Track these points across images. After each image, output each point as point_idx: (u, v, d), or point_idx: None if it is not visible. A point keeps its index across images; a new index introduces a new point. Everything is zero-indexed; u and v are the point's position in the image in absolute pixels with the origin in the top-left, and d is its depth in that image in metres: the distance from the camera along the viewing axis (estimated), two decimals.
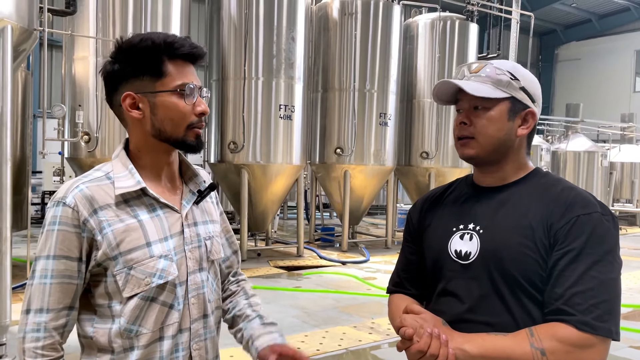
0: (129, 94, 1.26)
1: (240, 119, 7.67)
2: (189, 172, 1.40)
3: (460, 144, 1.37)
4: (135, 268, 1.22)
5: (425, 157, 9.93)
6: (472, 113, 1.34)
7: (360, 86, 8.88)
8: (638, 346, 4.66)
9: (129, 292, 1.23)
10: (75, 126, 6.50)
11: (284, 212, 13.84)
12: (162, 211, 1.29)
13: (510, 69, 1.34)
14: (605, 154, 15.07)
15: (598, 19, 23.22)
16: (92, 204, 1.22)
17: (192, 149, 1.29)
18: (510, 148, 1.35)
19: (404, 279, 1.54)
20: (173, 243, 1.28)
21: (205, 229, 1.38)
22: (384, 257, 8.61)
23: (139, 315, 1.24)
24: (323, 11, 9.19)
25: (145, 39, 1.25)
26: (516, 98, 1.33)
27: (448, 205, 1.46)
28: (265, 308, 1.55)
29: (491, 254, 1.30)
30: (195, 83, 1.27)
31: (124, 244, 1.22)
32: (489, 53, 12.07)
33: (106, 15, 6.49)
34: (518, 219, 1.29)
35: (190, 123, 1.27)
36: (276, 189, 8.11)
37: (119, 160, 1.30)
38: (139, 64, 1.24)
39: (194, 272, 1.32)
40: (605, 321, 1.18)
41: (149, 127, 1.27)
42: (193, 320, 1.31)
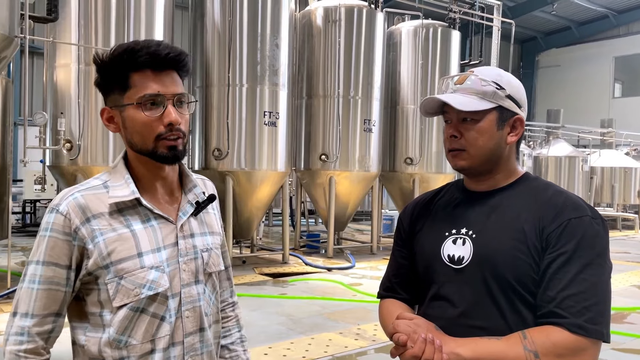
0: (105, 108, 1.28)
1: (224, 125, 7.65)
2: (188, 182, 1.37)
3: (452, 155, 1.38)
4: (125, 278, 1.21)
5: (409, 163, 9.99)
6: (460, 125, 1.35)
7: (345, 93, 8.91)
8: (621, 348, 4.72)
9: (118, 302, 1.22)
10: (57, 134, 6.43)
11: (269, 219, 13.80)
12: (156, 222, 1.27)
13: (494, 78, 1.34)
14: (586, 158, 15.31)
15: (577, 26, 23.64)
16: (85, 212, 1.21)
17: (165, 160, 1.25)
18: (501, 156, 1.36)
19: (395, 283, 1.54)
20: (166, 254, 1.26)
21: (203, 241, 1.35)
22: (370, 263, 8.62)
23: (128, 326, 1.22)
24: (307, 18, 9.23)
25: (112, 50, 1.23)
26: (503, 107, 1.33)
27: (440, 210, 1.47)
28: (251, 316, 1.55)
29: (484, 258, 1.31)
30: (161, 92, 1.22)
31: (115, 253, 1.21)
32: (471, 60, 12.21)
33: (88, 22, 6.44)
34: (510, 223, 1.31)
35: (159, 134, 1.22)
36: (261, 196, 8.09)
37: (117, 169, 1.30)
38: (108, 78, 1.25)
39: (188, 284, 1.29)
40: (597, 323, 1.19)
41: (125, 140, 1.28)
42: (187, 334, 1.28)
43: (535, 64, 25.22)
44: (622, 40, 22.86)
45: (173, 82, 1.25)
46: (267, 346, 4.49)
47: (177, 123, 1.23)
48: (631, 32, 22.70)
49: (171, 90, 1.24)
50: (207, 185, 1.43)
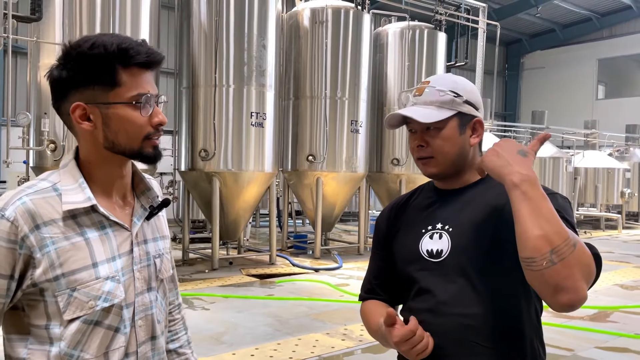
0: (79, 105, 1.16)
1: (211, 126, 7.62)
2: (142, 185, 1.31)
3: (422, 163, 1.46)
4: (78, 290, 1.13)
5: (396, 163, 10.03)
6: (425, 134, 1.42)
7: (332, 94, 8.93)
8: (604, 347, 4.78)
9: (70, 314, 1.13)
10: (41, 134, 6.36)
11: (256, 220, 13.77)
12: (111, 229, 1.20)
13: (451, 86, 1.42)
14: (570, 159, 15.48)
15: (561, 29, 23.91)
16: (35, 218, 1.11)
17: (150, 160, 1.21)
18: (466, 157, 1.45)
19: (375, 285, 1.59)
20: (121, 263, 1.20)
21: (155, 247, 1.30)
22: (357, 264, 8.64)
23: (81, 340, 1.15)
24: (294, 19, 9.23)
25: (96, 44, 1.14)
26: (462, 112, 1.41)
27: (415, 210, 1.53)
28: (237, 317, 1.55)
29: (463, 248, 1.38)
30: (152, 92, 1.19)
31: (68, 263, 1.13)
32: (457, 61, 12.30)
33: (73, 21, 6.38)
34: (483, 214, 1.38)
35: (147, 134, 1.19)
36: (248, 197, 8.07)
37: (68, 171, 1.20)
38: (89, 72, 1.15)
39: (142, 292, 1.24)
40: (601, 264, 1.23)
41: (101, 139, 1.18)
42: (140, 344, 1.23)
43: (520, 65, 25.47)
44: (606, 42, 23.16)
45: (153, 82, 1.23)
46: (254, 347, 4.48)
47: (165, 123, 1.22)
48: (614, 35, 23.01)
49: (156, 91, 1.22)
50: (153, 185, 1.34)
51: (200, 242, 9.88)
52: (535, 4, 20.71)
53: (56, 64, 1.18)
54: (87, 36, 1.17)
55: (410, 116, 1.39)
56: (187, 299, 6.01)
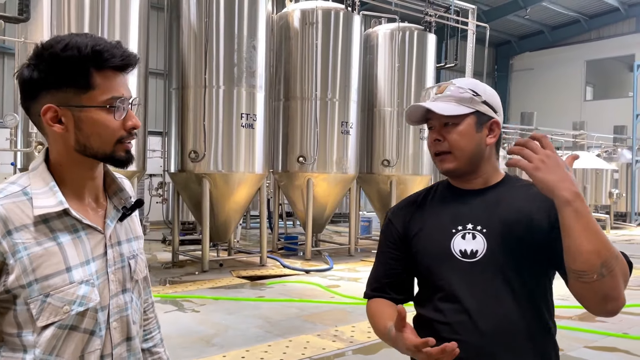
0: (51, 107, 1.13)
1: (201, 127, 7.59)
2: (114, 185, 1.29)
3: (439, 159, 1.49)
4: (52, 295, 1.11)
5: (386, 165, 10.05)
6: (443, 129, 1.47)
7: (322, 95, 8.93)
8: (592, 346, 4.82)
9: (44, 321, 1.11)
10: (29, 136, 6.30)
11: (246, 222, 13.74)
12: (84, 232, 1.18)
13: (471, 86, 1.48)
14: None
15: (550, 31, 24.11)
16: (7, 224, 1.09)
17: (122, 164, 1.19)
18: (482, 156, 1.49)
19: (385, 284, 1.57)
20: (95, 266, 1.18)
21: (129, 248, 1.29)
22: (348, 265, 8.64)
23: (56, 345, 1.13)
24: (284, 20, 9.23)
25: (70, 46, 1.11)
26: (480, 111, 1.46)
27: (436, 210, 1.55)
28: (228, 319, 1.54)
29: (500, 249, 1.42)
30: (125, 95, 1.17)
31: (41, 269, 1.10)
32: (447, 63, 12.35)
33: (61, 22, 6.33)
34: (515, 215, 1.42)
35: (120, 138, 1.17)
36: (238, 198, 8.04)
37: (39, 174, 1.17)
38: (62, 74, 1.12)
39: (116, 294, 1.23)
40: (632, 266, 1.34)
41: (72, 142, 1.16)
42: (115, 345, 1.22)
43: (510, 67, 25.65)
44: (594, 44, 23.39)
45: (127, 84, 1.21)
46: (244, 349, 4.46)
47: (138, 127, 1.20)
48: (602, 37, 23.25)
49: (130, 94, 1.20)
50: (125, 185, 1.32)
51: (190, 243, 9.83)
52: (524, 5, 20.87)
53: (27, 64, 1.15)
54: (60, 36, 1.15)
55: (429, 107, 1.45)
56: (177, 301, 5.98)
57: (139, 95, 6.83)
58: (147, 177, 10.86)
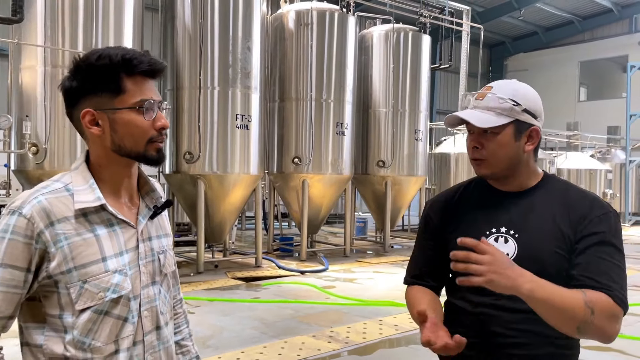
0: (88, 111, 1.27)
1: (195, 128, 7.58)
2: (146, 186, 1.43)
3: (476, 164, 1.54)
4: (89, 282, 1.24)
5: (381, 165, 10.07)
6: (482, 136, 1.50)
7: (317, 96, 8.93)
8: (586, 346, 4.81)
9: (81, 305, 1.24)
10: (23, 137, 6.27)
11: (242, 223, 13.72)
12: (119, 227, 1.31)
13: (511, 94, 1.49)
14: (553, 161, 15.67)
15: (544, 32, 24.22)
16: (50, 216, 1.22)
17: (154, 162, 1.32)
18: (519, 162, 1.52)
19: (424, 272, 1.67)
20: (128, 258, 1.31)
21: (159, 243, 1.42)
22: (343, 266, 8.65)
23: (92, 328, 1.25)
24: (279, 21, 9.23)
25: (103, 56, 1.26)
26: (520, 120, 1.49)
27: (470, 209, 1.61)
28: (223, 320, 1.57)
29: (529, 255, 1.47)
30: (154, 98, 1.30)
31: (80, 257, 1.23)
32: (442, 64, 12.39)
33: (55, 23, 6.31)
34: (548, 223, 1.48)
35: (151, 138, 1.30)
36: (234, 199, 8.03)
37: (79, 172, 1.31)
38: (97, 81, 1.26)
39: (147, 285, 1.35)
40: (626, 300, 1.39)
41: (108, 143, 1.29)
42: (146, 333, 1.34)
43: (504, 68, 25.74)
44: (587, 45, 23.52)
45: (156, 89, 1.34)
46: (239, 351, 4.46)
47: (167, 127, 1.32)
48: (596, 38, 23.37)
49: (159, 97, 1.32)
50: (157, 187, 1.47)
51: (185, 245, 9.81)
52: (518, 7, 20.96)
53: (67, 75, 1.29)
54: (95, 49, 1.30)
55: (467, 119, 1.47)
56: None
57: None
58: None
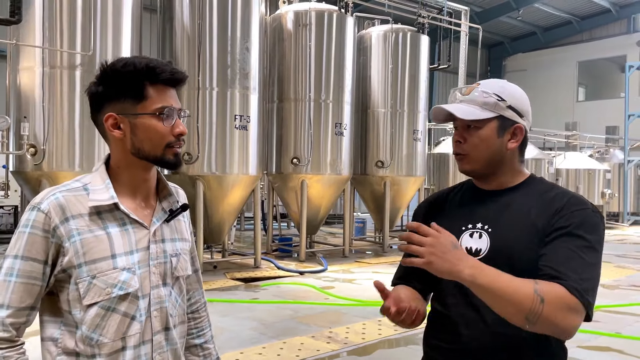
0: (111, 115, 1.34)
1: (194, 129, 7.57)
2: (165, 190, 1.47)
3: (457, 159, 1.54)
4: (98, 277, 1.29)
5: (380, 166, 10.07)
6: (465, 131, 1.51)
7: (316, 96, 8.93)
8: (585, 346, 4.84)
9: (89, 300, 1.29)
10: (21, 138, 6.26)
11: (240, 223, 13.71)
12: (131, 226, 1.36)
13: (497, 90, 1.49)
14: (552, 161, 15.69)
15: (542, 32, 24.26)
16: (65, 212, 1.28)
17: (171, 166, 1.38)
18: (502, 160, 1.51)
19: (409, 273, 1.63)
20: (138, 257, 1.35)
21: (173, 246, 1.45)
22: (342, 266, 8.64)
23: (99, 324, 1.30)
24: (277, 22, 9.23)
25: (128, 63, 1.32)
26: (504, 116, 1.48)
27: (454, 207, 1.61)
28: (222, 321, 1.58)
29: (500, 249, 1.45)
30: (175, 106, 1.35)
31: (90, 253, 1.29)
32: (440, 64, 12.39)
33: (53, 24, 6.30)
34: (522, 219, 1.45)
35: (169, 143, 1.35)
36: (232, 200, 8.03)
37: (98, 173, 1.37)
38: (121, 87, 1.32)
39: (157, 286, 1.38)
40: (589, 295, 1.31)
41: (129, 146, 1.35)
42: (155, 333, 1.37)
43: (502, 68, 25.77)
44: (586, 45, 23.56)
45: (177, 97, 1.40)
46: (238, 351, 4.45)
47: (185, 133, 1.38)
48: (594, 38, 23.41)
49: (179, 105, 1.38)
50: (179, 194, 1.52)
51: None
52: (517, 7, 20.99)
53: (94, 81, 1.36)
54: (122, 57, 1.37)
55: (451, 111, 1.48)
56: None
57: None
58: None
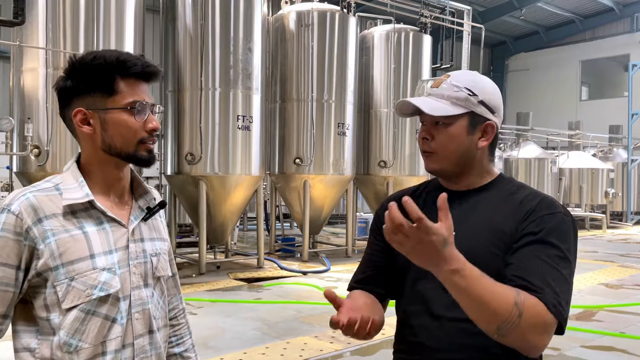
0: (80, 110, 1.28)
1: (197, 130, 7.59)
2: (140, 189, 1.42)
3: (425, 156, 1.42)
4: (76, 279, 1.22)
5: (383, 166, 10.06)
6: (433, 127, 1.39)
7: (318, 97, 8.94)
8: (589, 345, 4.83)
9: (68, 303, 1.22)
10: (25, 139, 6.29)
11: (243, 224, 13.72)
12: (108, 225, 1.30)
13: (468, 84, 1.38)
14: (555, 160, 15.65)
15: (545, 31, 24.20)
16: (37, 212, 1.22)
17: (144, 163, 1.32)
18: (472, 159, 1.41)
19: (369, 276, 1.52)
20: (117, 257, 1.29)
21: (153, 246, 1.39)
22: (345, 266, 8.65)
23: (79, 328, 1.23)
24: (279, 22, 9.23)
25: (98, 56, 1.28)
26: (475, 112, 1.37)
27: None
28: (225, 321, 1.56)
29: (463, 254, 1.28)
30: (147, 100, 1.30)
31: (67, 254, 1.22)
32: (443, 64, 12.38)
33: (56, 25, 6.33)
34: (488, 222, 1.35)
35: (141, 139, 1.30)
36: (235, 200, 8.04)
37: (70, 172, 1.31)
38: (91, 81, 1.27)
39: (138, 287, 1.32)
40: (563, 309, 1.22)
41: (99, 142, 1.30)
42: (137, 336, 1.31)
43: (505, 67, 25.71)
44: (588, 44, 23.48)
45: (149, 92, 1.34)
46: (242, 351, 4.46)
47: (158, 129, 1.32)
48: (597, 37, 23.34)
49: (152, 100, 1.33)
50: (154, 193, 1.46)
51: (187, 246, 9.82)
52: (519, 6, 20.94)
53: (62, 76, 1.31)
54: (92, 51, 1.32)
55: (418, 106, 1.37)
56: None
57: None
58: (144, 180, 10.85)
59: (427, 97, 1.40)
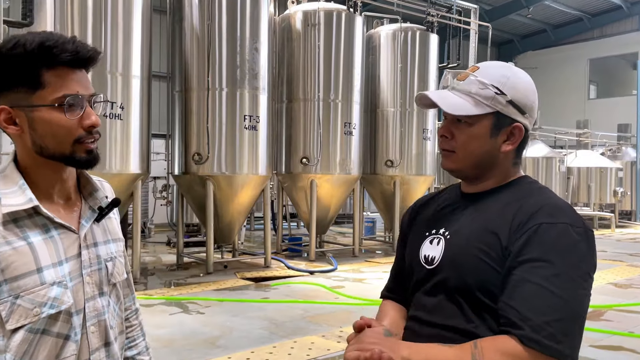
0: (4, 108, 1.10)
1: (204, 129, 7.61)
2: (89, 186, 1.25)
3: (443, 155, 1.33)
4: (22, 297, 1.07)
5: (389, 165, 10.05)
6: (453, 125, 1.28)
7: (325, 96, 8.94)
8: (598, 345, 4.81)
9: (13, 323, 1.07)
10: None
11: (250, 223, 13.75)
12: (56, 232, 1.14)
13: (497, 80, 1.24)
14: (563, 159, 15.57)
15: (553, 29, 24.07)
16: None
17: (83, 165, 1.16)
18: (492, 163, 1.29)
19: (396, 284, 1.50)
20: (68, 267, 1.14)
21: (107, 249, 1.25)
22: (352, 266, 8.65)
23: (28, 350, 1.09)
24: (286, 22, 9.24)
25: (17, 44, 1.07)
26: (501, 113, 1.25)
27: (431, 211, 1.43)
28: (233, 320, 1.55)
29: (452, 259, 1.27)
30: (82, 93, 1.12)
31: (10, 269, 1.06)
32: (449, 62, 12.35)
33: (64, 26, 6.36)
34: (485, 226, 1.24)
35: (78, 138, 1.12)
36: (242, 200, 8.06)
37: (7, 175, 1.13)
38: (10, 74, 1.08)
39: (93, 297, 1.18)
40: (559, 342, 1.09)
41: (29, 144, 1.12)
42: (93, 351, 1.18)
43: None
44: (596, 42, 23.34)
45: (88, 81, 1.15)
46: (249, 351, 4.47)
47: (98, 125, 1.14)
48: (605, 35, 23.19)
49: (89, 91, 1.14)
50: (105, 188, 1.29)
51: (195, 246, 9.85)
52: (526, 4, 20.84)
53: None
54: (15, 35, 1.11)
55: (437, 103, 1.26)
56: (182, 303, 6.00)
57: (143, 98, 6.86)
58: (152, 180, 10.90)
59: (450, 90, 1.28)
